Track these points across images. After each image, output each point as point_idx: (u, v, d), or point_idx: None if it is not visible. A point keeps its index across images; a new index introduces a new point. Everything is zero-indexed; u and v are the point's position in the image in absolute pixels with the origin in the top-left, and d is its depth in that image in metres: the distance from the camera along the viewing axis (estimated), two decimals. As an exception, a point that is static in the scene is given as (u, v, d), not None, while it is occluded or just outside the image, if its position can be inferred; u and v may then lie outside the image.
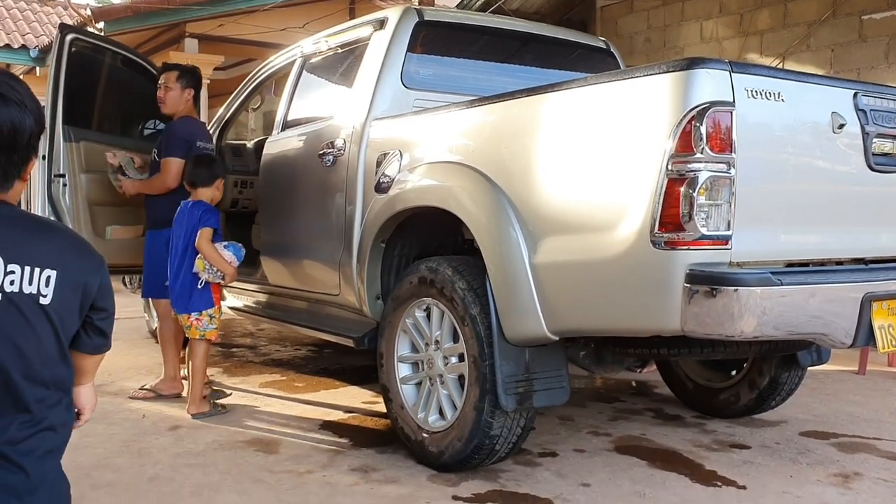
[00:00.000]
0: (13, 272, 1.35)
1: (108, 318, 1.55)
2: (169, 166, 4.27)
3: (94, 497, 2.90)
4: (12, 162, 1.38)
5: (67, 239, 1.49)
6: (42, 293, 1.38)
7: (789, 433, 3.85)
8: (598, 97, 2.76)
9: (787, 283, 2.47)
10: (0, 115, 1.34)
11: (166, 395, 4.36)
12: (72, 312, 1.45)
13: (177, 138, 4.31)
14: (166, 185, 4.28)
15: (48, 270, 1.38)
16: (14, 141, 1.36)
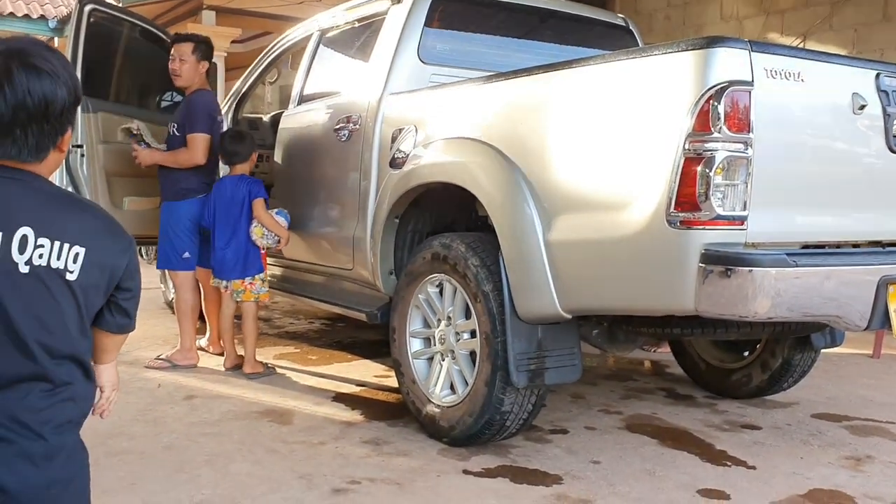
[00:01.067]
0: (42, 246, 1.36)
1: (132, 298, 1.56)
2: (197, 142, 4.26)
3: (109, 464, 2.95)
4: (44, 132, 1.39)
5: (98, 218, 1.49)
6: (69, 269, 1.39)
7: (801, 415, 3.85)
8: (616, 74, 2.74)
9: (802, 265, 2.46)
10: (32, 85, 1.34)
11: (182, 365, 4.41)
12: (97, 290, 1.46)
13: (201, 113, 4.30)
14: (195, 161, 4.29)
15: (77, 247, 1.39)
16: (46, 112, 1.37)
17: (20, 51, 1.36)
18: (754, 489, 2.91)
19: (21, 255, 1.34)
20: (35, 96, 1.34)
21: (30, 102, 1.34)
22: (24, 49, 1.37)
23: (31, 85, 1.34)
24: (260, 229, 4.24)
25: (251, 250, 4.28)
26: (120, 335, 1.61)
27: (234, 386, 4.09)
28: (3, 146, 1.37)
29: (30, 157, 1.39)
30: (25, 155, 1.38)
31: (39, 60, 1.36)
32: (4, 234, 1.34)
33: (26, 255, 1.35)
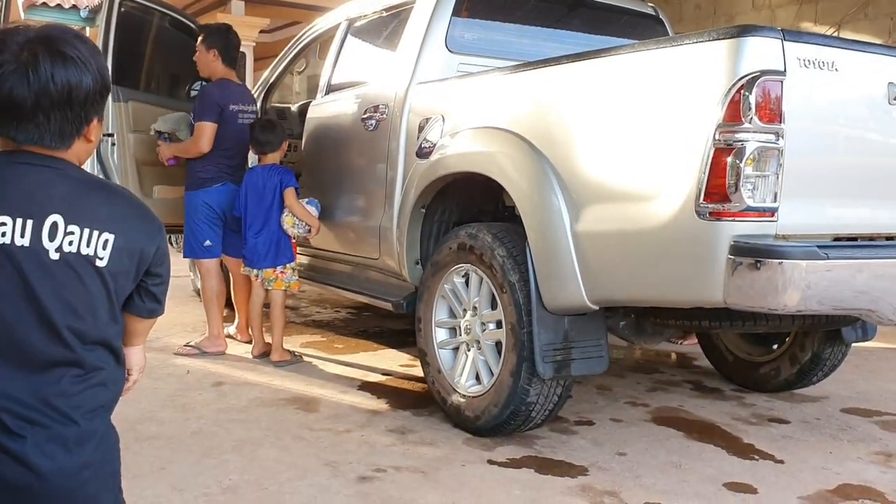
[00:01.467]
0: (72, 233, 1.38)
1: (161, 283, 1.57)
2: (202, 131, 4.31)
3: (138, 449, 2.99)
4: (67, 119, 1.40)
5: (128, 204, 1.50)
6: (99, 255, 1.40)
7: (830, 409, 3.81)
8: (646, 64, 2.72)
9: (833, 257, 2.43)
10: (56, 71, 1.36)
11: (210, 352, 4.46)
12: (126, 276, 1.47)
13: (208, 103, 4.35)
14: (199, 150, 4.34)
15: (106, 234, 1.40)
16: (69, 99, 1.38)
17: (47, 37, 1.38)
18: (782, 483, 2.89)
19: (51, 242, 1.36)
20: (58, 82, 1.35)
21: (53, 88, 1.35)
22: (51, 35, 1.38)
23: (56, 71, 1.35)
24: (291, 218, 4.27)
25: (282, 239, 4.32)
26: (149, 319, 1.63)
27: (262, 373, 4.13)
28: (27, 131, 1.38)
29: (53, 142, 1.40)
30: (48, 140, 1.39)
31: (66, 47, 1.37)
32: (35, 221, 1.36)
33: (56, 242, 1.37)
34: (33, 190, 1.37)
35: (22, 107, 1.35)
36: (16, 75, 1.34)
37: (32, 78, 1.34)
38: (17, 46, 1.35)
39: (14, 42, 1.35)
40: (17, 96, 1.34)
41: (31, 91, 1.34)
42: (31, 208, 1.36)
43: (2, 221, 1.34)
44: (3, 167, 1.39)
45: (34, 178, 1.38)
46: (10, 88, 1.34)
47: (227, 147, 4.39)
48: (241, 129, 4.45)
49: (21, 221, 1.35)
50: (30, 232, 1.35)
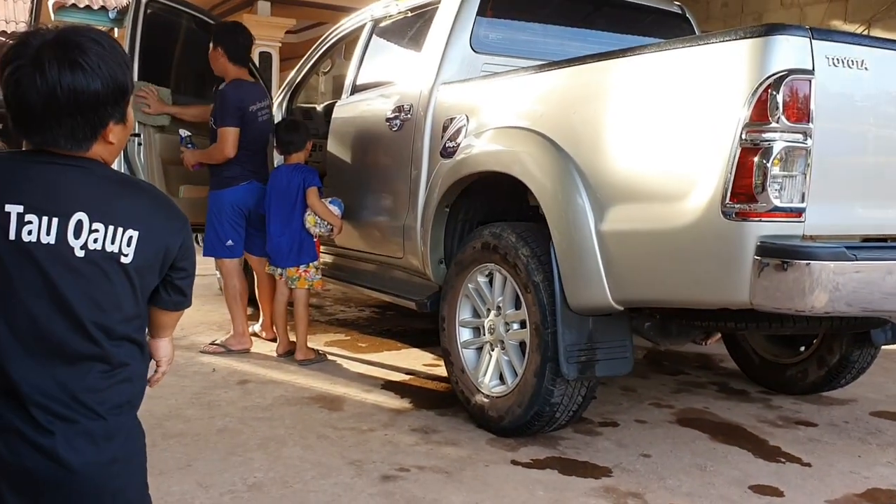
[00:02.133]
0: (97, 230, 1.40)
1: (187, 277, 1.58)
2: (225, 136, 4.32)
3: (165, 446, 3.03)
4: (78, 124, 1.41)
5: (152, 199, 1.52)
6: (123, 252, 1.42)
7: (859, 413, 3.76)
8: (672, 63, 2.70)
9: (862, 259, 2.40)
10: (63, 77, 1.37)
11: (235, 350, 4.50)
12: (152, 271, 1.49)
13: (229, 107, 4.35)
14: (225, 155, 4.35)
15: (131, 230, 1.42)
16: (76, 103, 1.38)
17: (59, 42, 1.38)
18: (809, 487, 2.86)
19: (77, 239, 1.38)
20: (64, 87, 1.37)
21: (59, 94, 1.36)
22: (64, 40, 1.39)
23: (62, 77, 1.36)
24: (313, 217, 4.30)
25: (305, 238, 4.35)
26: (176, 312, 1.65)
27: (286, 372, 4.15)
28: (41, 133, 1.41)
29: (68, 145, 1.42)
30: (63, 143, 1.41)
31: (76, 52, 1.38)
32: (60, 219, 1.37)
33: (81, 239, 1.38)
34: (58, 188, 1.39)
35: (33, 110, 1.37)
36: (27, 79, 1.36)
37: (40, 82, 1.35)
38: (32, 50, 1.37)
39: (31, 46, 1.37)
40: (28, 100, 1.36)
41: (40, 96, 1.36)
42: (56, 206, 1.38)
43: (28, 220, 1.36)
44: (29, 166, 1.41)
45: (59, 176, 1.40)
46: (22, 92, 1.36)
47: (248, 146, 4.41)
48: (261, 125, 4.48)
49: (47, 220, 1.37)
50: (55, 230, 1.37)
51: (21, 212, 1.36)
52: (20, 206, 1.36)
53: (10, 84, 1.37)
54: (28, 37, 1.40)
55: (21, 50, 1.37)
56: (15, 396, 1.36)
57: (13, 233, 1.35)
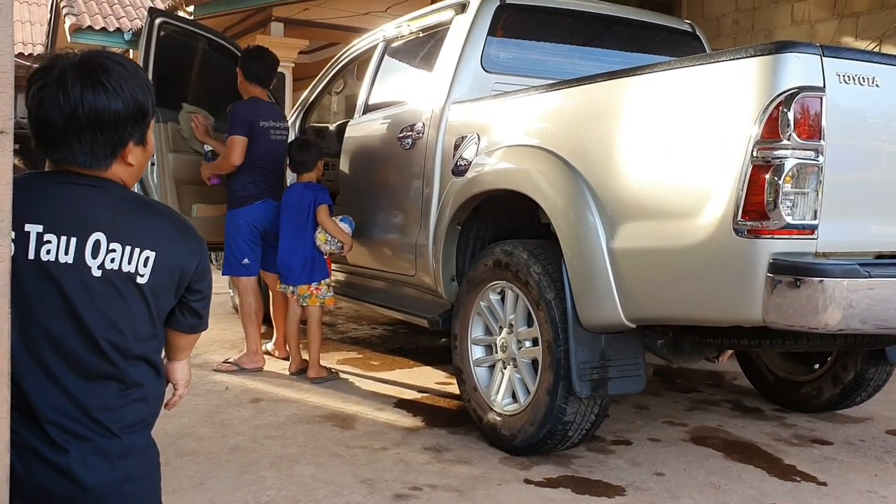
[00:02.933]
0: (114, 251, 1.42)
1: (203, 299, 1.60)
2: (232, 144, 4.41)
3: (178, 464, 3.03)
4: (98, 142, 1.44)
5: (169, 221, 1.54)
6: (140, 273, 1.43)
7: (875, 431, 3.73)
8: (683, 81, 2.71)
9: (875, 276, 2.39)
10: (85, 97, 1.40)
11: (248, 368, 4.51)
12: (167, 293, 1.50)
13: (237, 118, 4.45)
14: (230, 163, 4.43)
15: (147, 251, 1.44)
16: (97, 121, 1.41)
17: (83, 63, 1.42)
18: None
19: (94, 259, 1.40)
20: (86, 106, 1.40)
21: (81, 112, 1.40)
22: (87, 61, 1.43)
23: (84, 95, 1.39)
24: (324, 235, 4.32)
25: (317, 256, 4.37)
26: (192, 335, 1.66)
27: (299, 390, 4.16)
28: (62, 151, 1.43)
29: (87, 162, 1.44)
30: (82, 160, 1.44)
31: (100, 73, 1.41)
32: (78, 239, 1.39)
33: (99, 259, 1.40)
34: (77, 208, 1.41)
35: (55, 128, 1.40)
36: (51, 97, 1.39)
37: (63, 101, 1.39)
38: (57, 71, 1.40)
39: (56, 67, 1.41)
40: (51, 118, 1.39)
41: (62, 114, 1.39)
42: (75, 226, 1.40)
43: (47, 239, 1.38)
44: (48, 186, 1.43)
45: (78, 196, 1.42)
46: (45, 110, 1.39)
47: (262, 164, 4.47)
48: (275, 144, 4.53)
49: (65, 239, 1.39)
50: (73, 249, 1.39)
51: (40, 231, 1.38)
52: (40, 226, 1.38)
53: (35, 103, 1.40)
54: (53, 59, 1.43)
55: (46, 71, 1.41)
56: (30, 414, 1.37)
57: (32, 252, 1.38)
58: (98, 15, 12.41)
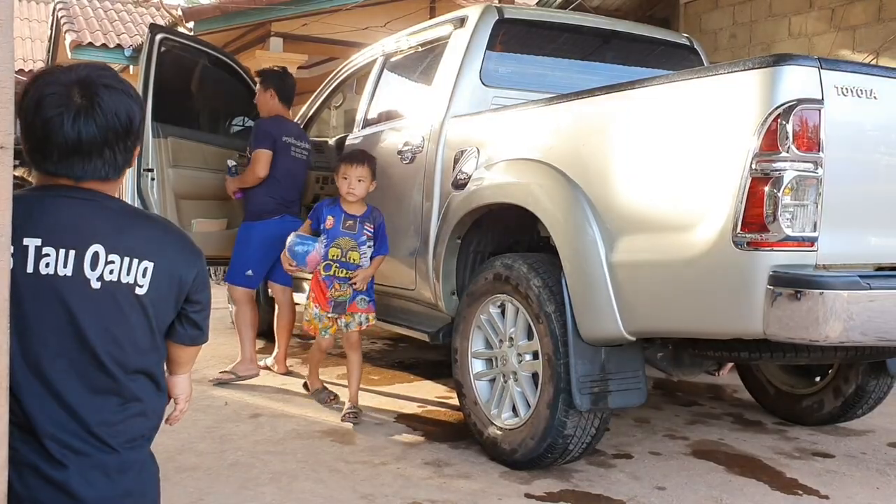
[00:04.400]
0: (113, 262, 1.42)
1: (202, 311, 1.60)
2: (257, 157, 4.47)
3: (178, 479, 3.01)
4: (127, 148, 1.46)
5: (166, 232, 1.54)
6: (139, 283, 1.44)
7: (876, 443, 3.71)
8: (681, 94, 2.72)
9: (876, 287, 2.38)
10: (117, 104, 1.41)
11: (244, 375, 4.52)
12: (167, 303, 1.50)
13: (261, 133, 4.53)
14: (256, 175, 4.48)
15: (146, 262, 1.44)
16: (130, 127, 1.44)
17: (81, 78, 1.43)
18: (827, 519, 2.81)
19: (93, 271, 1.40)
20: (121, 114, 1.43)
21: (116, 125, 1.43)
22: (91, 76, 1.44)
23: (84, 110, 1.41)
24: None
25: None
26: (192, 347, 1.65)
27: (298, 405, 4.14)
28: (71, 165, 1.43)
29: (107, 174, 1.45)
30: (104, 172, 1.45)
31: (114, 81, 1.46)
32: (77, 251, 1.39)
33: (98, 271, 1.40)
34: (75, 221, 1.41)
35: (51, 140, 1.40)
36: (49, 110, 1.39)
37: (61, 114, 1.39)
38: (58, 86, 1.40)
39: (56, 81, 1.41)
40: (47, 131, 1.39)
41: (61, 127, 1.39)
42: (73, 239, 1.40)
43: (46, 252, 1.38)
44: (45, 200, 1.43)
45: (76, 209, 1.42)
46: (42, 123, 1.39)
47: (282, 179, 4.54)
48: (296, 162, 4.59)
49: (64, 252, 1.39)
50: (72, 262, 1.39)
51: (39, 245, 1.38)
52: (38, 240, 1.38)
53: (31, 114, 1.40)
54: (50, 73, 1.43)
55: (43, 85, 1.41)
56: (29, 429, 1.37)
57: (31, 266, 1.37)
58: (98, 31, 12.46)
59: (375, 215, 3.92)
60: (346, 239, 3.86)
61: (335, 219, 3.86)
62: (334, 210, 3.89)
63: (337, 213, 3.88)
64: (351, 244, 3.86)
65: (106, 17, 13.36)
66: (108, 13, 13.62)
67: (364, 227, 3.87)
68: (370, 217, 3.90)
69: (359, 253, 3.87)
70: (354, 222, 3.87)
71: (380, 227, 3.91)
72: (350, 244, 3.86)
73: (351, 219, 3.87)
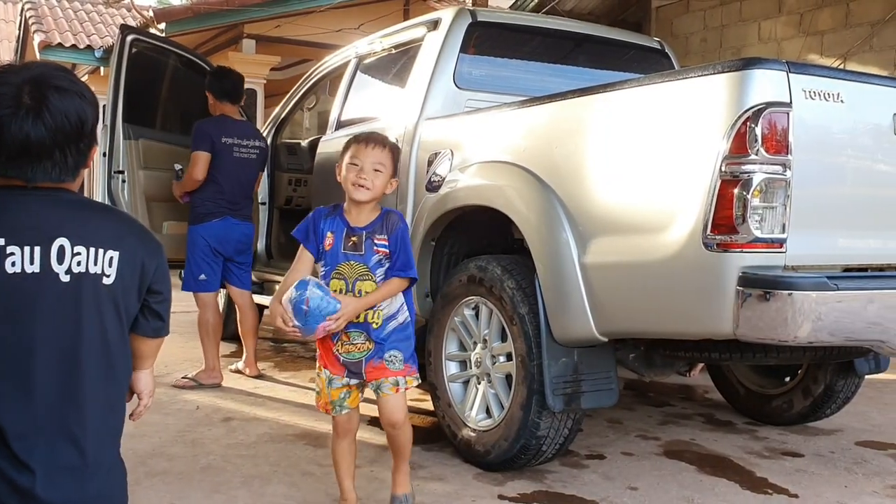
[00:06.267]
0: (79, 254, 1.41)
1: (164, 301, 1.59)
2: (194, 159, 4.45)
3: (148, 484, 2.98)
4: (80, 151, 1.45)
5: (128, 223, 1.55)
6: (106, 273, 1.43)
7: (844, 442, 3.77)
8: (652, 98, 2.74)
9: (843, 288, 2.42)
10: (67, 106, 1.40)
11: (206, 384, 4.48)
12: (131, 293, 1.49)
13: (199, 134, 4.50)
14: (193, 177, 4.46)
15: (111, 251, 1.44)
16: (81, 130, 1.43)
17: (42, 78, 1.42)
18: (797, 518, 2.85)
19: (60, 265, 1.39)
20: (72, 116, 1.42)
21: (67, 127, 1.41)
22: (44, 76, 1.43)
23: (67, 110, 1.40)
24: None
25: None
26: (155, 340, 1.64)
27: (271, 409, 4.12)
28: (24, 167, 1.41)
29: (60, 176, 1.44)
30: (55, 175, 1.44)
31: (66, 83, 1.45)
32: (42, 247, 1.38)
33: (65, 264, 1.39)
34: (37, 218, 1.40)
35: (25, 145, 1.39)
36: (21, 116, 1.37)
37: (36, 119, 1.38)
38: (15, 89, 1.38)
39: (11, 84, 1.39)
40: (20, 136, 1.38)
41: (38, 131, 1.38)
42: (37, 235, 1.39)
43: (10, 252, 1.36)
44: (6, 199, 1.41)
45: (37, 206, 1.41)
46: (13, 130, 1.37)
47: (223, 181, 4.48)
48: (238, 162, 4.53)
49: (29, 249, 1.37)
50: (39, 258, 1.38)
51: (2, 245, 1.36)
52: (1, 240, 1.36)
53: None
54: (3, 72, 1.42)
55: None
56: None
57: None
58: (68, 32, 12.32)
59: (391, 221, 2.64)
60: (351, 264, 2.60)
61: (335, 235, 2.64)
62: (334, 222, 2.66)
63: (338, 226, 2.64)
64: (359, 270, 2.59)
65: (76, 18, 13.21)
66: (78, 13, 13.47)
67: (374, 242, 2.60)
68: (382, 225, 2.63)
69: (373, 281, 2.59)
70: (360, 238, 2.61)
71: (398, 236, 2.62)
72: (358, 270, 2.59)
73: (356, 233, 2.62)
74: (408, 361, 2.69)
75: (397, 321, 2.67)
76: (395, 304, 2.67)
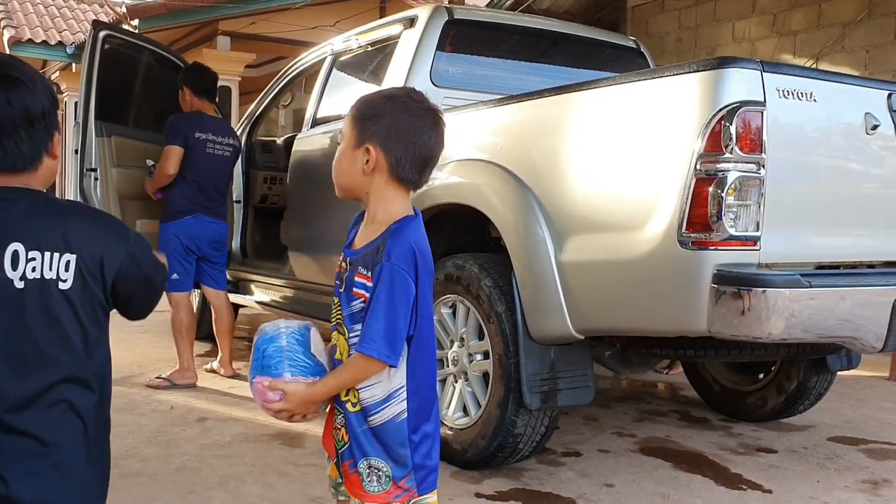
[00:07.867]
0: (34, 259, 1.37)
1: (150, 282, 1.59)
2: (166, 154, 4.42)
3: (122, 486, 2.95)
4: (32, 138, 1.42)
5: (88, 219, 1.48)
6: (62, 278, 1.39)
7: (817, 438, 3.81)
8: (627, 96, 2.75)
9: (816, 286, 2.45)
10: (11, 95, 1.38)
11: (180, 384, 4.43)
12: (95, 293, 1.44)
13: (172, 128, 4.47)
14: (164, 172, 4.43)
15: (67, 255, 1.40)
16: (30, 118, 1.40)
17: None
18: (771, 513, 2.88)
19: (14, 271, 1.36)
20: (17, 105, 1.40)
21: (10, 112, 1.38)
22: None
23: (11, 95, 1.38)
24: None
25: None
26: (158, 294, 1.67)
27: (246, 409, 4.08)
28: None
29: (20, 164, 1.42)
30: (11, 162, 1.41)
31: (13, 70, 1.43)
32: None
33: (19, 270, 1.36)
34: None
35: None
36: None
37: None
38: None
39: None
40: None
41: None
42: None
43: None
44: None
45: None
46: None
47: (196, 177, 4.45)
48: (212, 158, 4.49)
49: None
50: None
51: None
52: None
53: None
54: None
55: None
56: None
57: None
58: (39, 28, 12.14)
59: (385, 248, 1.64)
60: (338, 303, 1.73)
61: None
62: (352, 234, 1.85)
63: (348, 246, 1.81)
64: (338, 317, 1.72)
65: (47, 13, 13.03)
66: (49, 9, 13.29)
67: (355, 278, 1.66)
68: (376, 250, 1.66)
69: (346, 339, 1.68)
70: (346, 268, 1.72)
71: (378, 277, 1.61)
72: (337, 317, 1.72)
73: (346, 258, 1.75)
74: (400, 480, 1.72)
75: (386, 414, 1.66)
76: (381, 386, 1.64)
